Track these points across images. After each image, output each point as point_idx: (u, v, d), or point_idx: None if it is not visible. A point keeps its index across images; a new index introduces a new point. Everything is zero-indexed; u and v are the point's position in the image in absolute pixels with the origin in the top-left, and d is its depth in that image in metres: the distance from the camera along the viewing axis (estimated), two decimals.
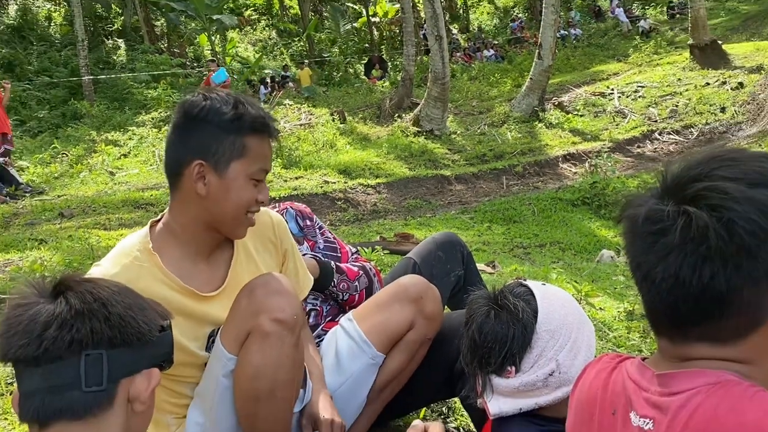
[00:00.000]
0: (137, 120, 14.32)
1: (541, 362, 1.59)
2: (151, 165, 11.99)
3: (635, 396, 1.07)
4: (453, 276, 2.66)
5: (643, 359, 1.13)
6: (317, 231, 2.55)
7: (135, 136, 13.36)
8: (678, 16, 24.32)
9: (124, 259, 1.78)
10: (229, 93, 1.83)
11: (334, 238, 2.60)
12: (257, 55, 23.33)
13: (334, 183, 10.79)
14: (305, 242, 2.49)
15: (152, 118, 14.23)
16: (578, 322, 1.66)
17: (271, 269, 1.98)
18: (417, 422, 1.32)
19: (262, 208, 2.02)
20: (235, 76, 19.43)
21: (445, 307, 2.51)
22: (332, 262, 2.43)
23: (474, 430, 2.33)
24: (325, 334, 2.30)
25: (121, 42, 20.97)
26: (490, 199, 10.60)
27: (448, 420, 2.58)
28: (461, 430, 2.49)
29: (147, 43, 22.07)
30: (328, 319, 2.42)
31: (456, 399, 2.48)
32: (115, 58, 20.26)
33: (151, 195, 9.26)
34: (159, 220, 1.88)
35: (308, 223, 2.54)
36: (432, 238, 2.81)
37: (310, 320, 2.39)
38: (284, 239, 2.07)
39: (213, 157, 1.75)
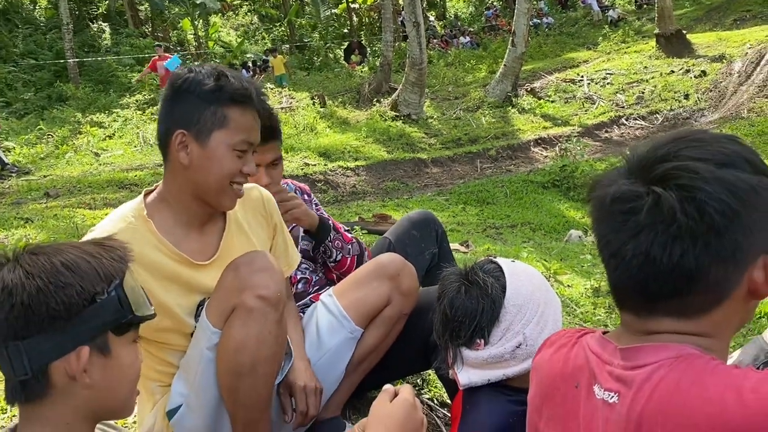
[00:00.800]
0: (122, 102, 14.33)
1: (509, 335, 1.62)
2: (135, 146, 11.99)
3: (598, 369, 1.07)
4: (427, 254, 2.67)
5: (604, 333, 1.14)
6: (313, 207, 2.55)
7: (119, 118, 13.33)
8: (645, 6, 24.69)
9: (119, 223, 1.76)
10: (215, 66, 1.81)
11: (329, 217, 2.59)
12: (239, 40, 23.30)
13: (315, 165, 10.90)
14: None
15: (136, 101, 14.26)
16: (545, 297, 1.68)
17: (263, 242, 2.02)
18: (387, 386, 1.30)
19: (252, 184, 2.05)
20: (218, 61, 19.47)
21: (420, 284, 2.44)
22: (331, 220, 2.49)
23: (448, 400, 2.41)
24: (311, 304, 2.31)
25: (105, 26, 20.78)
26: (464, 182, 10.85)
27: (422, 391, 2.63)
28: (435, 401, 2.54)
29: (131, 27, 21.94)
30: (315, 288, 2.45)
31: (430, 371, 2.57)
32: (99, 41, 20.07)
33: (136, 175, 9.31)
34: (153, 190, 1.87)
35: (306, 198, 2.57)
36: (407, 217, 2.83)
37: (299, 287, 2.42)
38: (274, 214, 2.08)
39: (195, 126, 1.75)
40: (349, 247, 2.49)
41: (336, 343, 2.13)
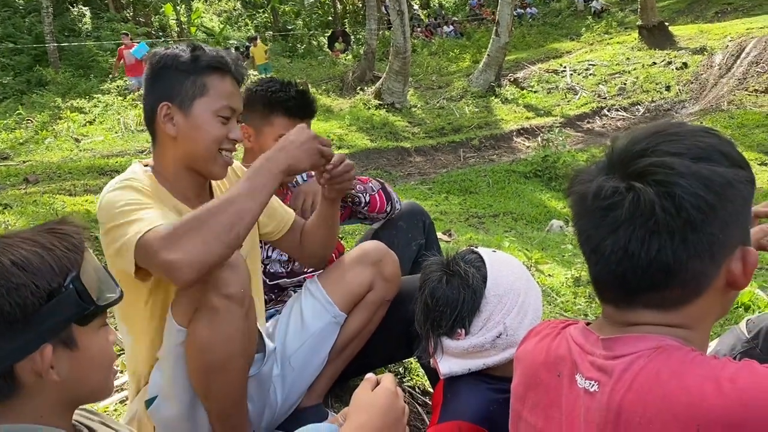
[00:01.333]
0: (102, 88, 14.13)
1: (490, 325, 1.63)
2: (116, 132, 11.84)
3: (580, 359, 1.08)
4: (414, 245, 2.68)
5: (587, 324, 1.15)
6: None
7: (100, 104, 13.16)
8: None
9: (139, 172, 1.82)
10: (188, 42, 1.93)
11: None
12: (222, 26, 23.11)
13: None
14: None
15: (117, 86, 14.12)
16: (525, 287, 1.69)
17: None
18: (369, 375, 1.30)
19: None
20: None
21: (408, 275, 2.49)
22: None
23: (430, 389, 2.44)
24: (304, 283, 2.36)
25: (86, 10, 20.42)
26: (447, 171, 10.89)
27: (404, 380, 2.63)
28: (417, 389, 2.55)
29: (112, 12, 21.50)
30: (310, 270, 2.49)
31: (412, 359, 2.61)
32: (80, 25, 19.69)
33: (117, 162, 9.18)
34: (146, 165, 1.90)
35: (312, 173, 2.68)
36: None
37: (296, 265, 2.49)
38: None
39: (177, 98, 1.79)
40: (370, 185, 2.55)
41: (320, 328, 2.14)
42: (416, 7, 28.26)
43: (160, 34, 20.70)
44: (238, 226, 1.59)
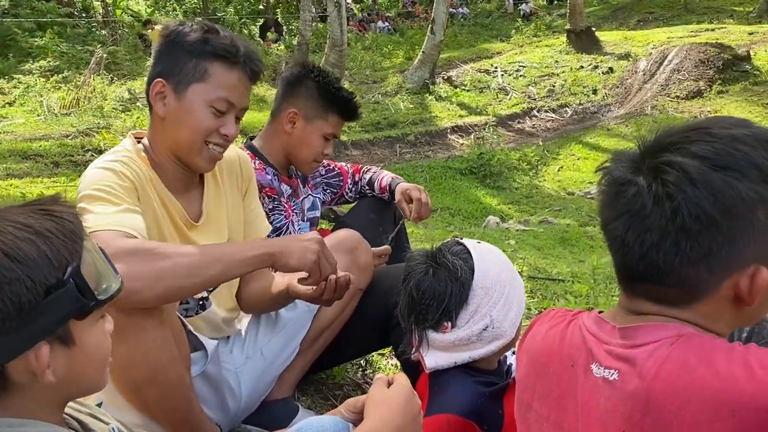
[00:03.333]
0: (23, 68, 13.43)
1: (476, 318, 1.62)
2: (38, 115, 11.13)
3: (596, 348, 1.07)
4: (386, 238, 2.69)
5: (599, 313, 1.15)
6: (334, 172, 2.81)
7: (21, 85, 12.43)
8: (556, 2, 25.70)
9: (132, 150, 1.79)
10: (211, 25, 1.80)
11: (329, 162, 2.82)
12: (149, 10, 22.42)
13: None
14: (307, 185, 2.71)
15: (40, 67, 13.35)
16: (510, 278, 1.69)
17: (236, 205, 2.02)
18: (380, 375, 1.28)
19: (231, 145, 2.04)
20: (126, 30, 18.57)
21: None
22: (346, 167, 2.86)
23: None
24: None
25: None
26: (384, 165, 10.85)
27: (366, 372, 2.69)
28: None
29: None
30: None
31: (374, 353, 2.65)
32: None
33: (40, 146, 8.80)
34: (139, 140, 1.86)
35: (328, 168, 2.79)
36: (364, 200, 2.86)
37: (317, 212, 2.68)
38: (248, 176, 2.09)
39: (175, 77, 1.73)
40: (357, 177, 2.85)
41: (293, 316, 2.11)
42: (350, 0, 28.22)
43: (83, 15, 19.85)
44: (196, 277, 1.53)
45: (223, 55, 1.74)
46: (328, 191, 2.83)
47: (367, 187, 2.84)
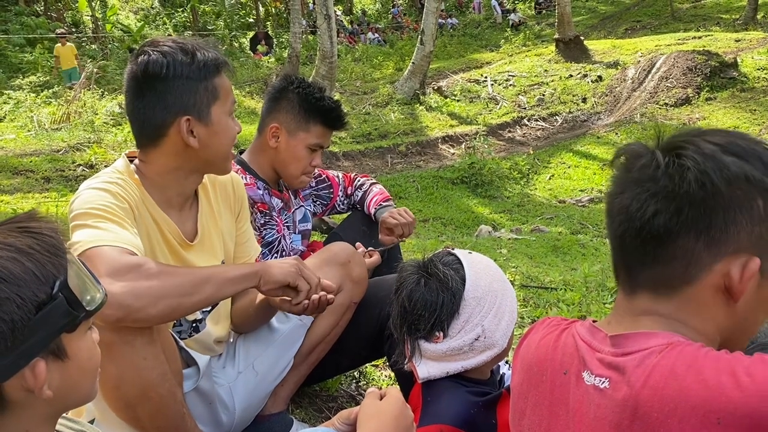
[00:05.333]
0: (13, 84, 13.44)
1: (468, 328, 1.62)
2: (29, 131, 11.18)
3: (588, 356, 1.08)
4: (381, 251, 2.65)
5: (593, 321, 1.15)
6: (328, 182, 2.80)
7: (11, 101, 12.44)
8: (544, 12, 25.88)
9: (125, 172, 1.79)
10: (175, 41, 1.80)
11: (321, 172, 2.80)
12: (139, 24, 22.38)
13: None
14: (298, 196, 2.69)
15: (30, 83, 13.37)
16: (502, 288, 1.68)
17: (229, 226, 2.03)
18: (372, 389, 1.28)
19: None
20: (117, 45, 18.55)
21: None
22: (337, 178, 2.85)
23: None
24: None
25: None
26: (376, 176, 10.93)
27: (360, 384, 2.67)
28: None
29: (22, 5, 20.45)
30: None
31: (368, 365, 2.64)
32: None
33: (31, 161, 8.80)
34: (132, 160, 1.85)
35: (324, 179, 2.78)
36: (356, 212, 2.84)
37: (308, 224, 2.68)
38: (240, 198, 2.10)
39: (195, 108, 1.75)
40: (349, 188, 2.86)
41: (286, 331, 2.10)
42: (339, 13, 28.33)
43: (73, 30, 19.83)
44: (194, 295, 1.56)
45: (218, 67, 1.80)
46: (318, 203, 2.82)
47: (358, 206, 2.83)
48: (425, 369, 1.66)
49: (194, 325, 1.95)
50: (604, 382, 1.03)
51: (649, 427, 0.97)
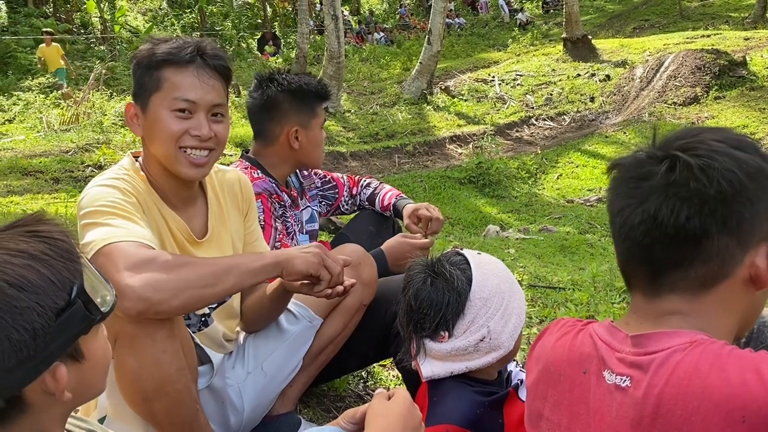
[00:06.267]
0: (22, 85, 13.47)
1: (473, 328, 1.61)
2: (38, 132, 11.28)
3: (608, 356, 1.09)
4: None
5: (612, 321, 1.16)
6: (313, 176, 2.80)
7: (20, 102, 12.49)
8: (551, 11, 25.81)
9: (131, 169, 1.81)
10: (154, 37, 1.84)
11: (326, 173, 2.85)
12: (148, 25, 22.43)
13: (231, 156, 10.53)
14: (305, 197, 2.71)
15: (39, 84, 13.43)
16: (509, 290, 1.67)
17: (237, 226, 2.04)
18: (380, 390, 1.29)
19: (230, 168, 2.09)
20: (125, 46, 18.60)
21: None
22: (341, 179, 2.87)
23: None
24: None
25: (2, 3, 19.52)
26: (383, 176, 10.97)
27: (367, 384, 2.68)
28: None
29: (31, 7, 20.59)
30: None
31: (376, 365, 2.64)
32: None
33: (41, 162, 8.84)
34: (137, 158, 1.88)
35: (305, 173, 2.77)
36: (364, 212, 2.86)
37: (315, 224, 2.70)
38: (248, 198, 2.10)
39: (139, 97, 1.76)
40: (356, 189, 2.86)
41: (295, 332, 2.10)
42: (347, 13, 28.36)
43: (82, 31, 19.90)
44: (215, 286, 1.56)
45: (170, 59, 1.75)
46: (323, 203, 2.83)
47: (366, 203, 2.84)
48: (429, 368, 1.66)
49: (203, 319, 1.95)
50: (625, 380, 1.04)
51: (672, 425, 0.98)
